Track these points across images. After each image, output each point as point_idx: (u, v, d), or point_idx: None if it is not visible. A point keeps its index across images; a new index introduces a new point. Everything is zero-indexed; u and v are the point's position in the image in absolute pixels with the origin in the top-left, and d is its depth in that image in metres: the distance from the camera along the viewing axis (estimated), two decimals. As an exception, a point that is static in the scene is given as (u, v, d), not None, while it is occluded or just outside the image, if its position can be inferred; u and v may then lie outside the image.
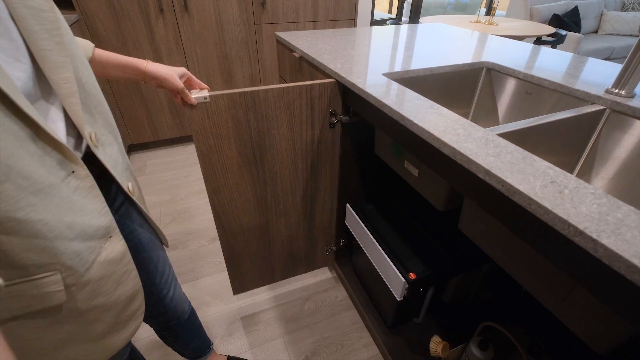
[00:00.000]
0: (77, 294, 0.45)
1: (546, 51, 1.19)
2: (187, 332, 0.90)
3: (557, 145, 0.79)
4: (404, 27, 1.63)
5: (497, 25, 2.64)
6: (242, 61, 2.23)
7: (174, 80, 0.70)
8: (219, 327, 1.25)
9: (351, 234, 1.22)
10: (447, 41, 1.35)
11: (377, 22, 3.36)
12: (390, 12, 4.75)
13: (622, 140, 0.78)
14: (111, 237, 0.49)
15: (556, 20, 3.54)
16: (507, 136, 0.69)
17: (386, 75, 0.95)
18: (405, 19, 3.87)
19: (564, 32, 2.69)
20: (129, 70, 0.67)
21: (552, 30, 2.50)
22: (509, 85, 1.04)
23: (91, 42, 0.64)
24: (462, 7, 6.25)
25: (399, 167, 0.98)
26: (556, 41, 2.68)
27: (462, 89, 1.13)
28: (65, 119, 0.45)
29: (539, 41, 2.66)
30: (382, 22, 3.43)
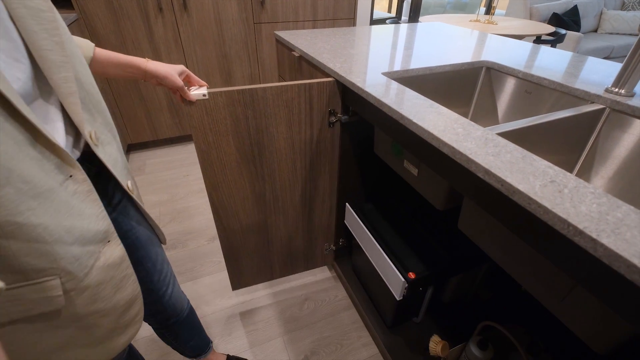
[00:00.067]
0: (76, 298, 0.45)
1: (546, 50, 1.19)
2: (186, 330, 0.90)
3: (556, 144, 0.79)
4: (404, 26, 1.62)
5: (496, 24, 2.64)
6: (242, 60, 2.23)
7: (174, 78, 0.71)
8: (218, 326, 1.25)
9: (350, 233, 1.22)
10: (446, 40, 1.35)
11: (376, 21, 3.36)
12: (389, 11, 4.74)
13: (622, 139, 0.77)
14: (109, 241, 0.49)
15: (556, 19, 3.54)
16: (506, 135, 0.69)
17: (385, 74, 0.95)
18: (404, 18, 3.86)
19: (563, 31, 2.68)
20: (130, 68, 0.67)
21: (551, 29, 2.50)
22: (509, 84, 1.04)
23: (90, 41, 0.64)
24: (461, 6, 6.25)
25: (399, 167, 0.98)
26: (556, 40, 2.67)
27: (461, 88, 1.13)
28: (64, 118, 0.45)
29: (538, 40, 2.65)
30: (382, 21, 3.42)
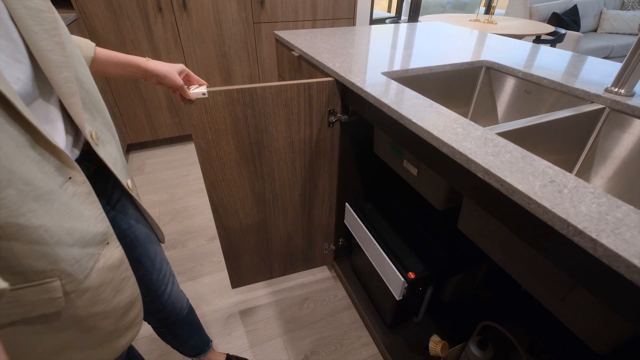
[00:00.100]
0: (77, 300, 0.45)
1: (545, 50, 1.19)
2: (186, 329, 0.90)
3: (556, 144, 0.79)
4: (403, 25, 1.62)
5: (496, 24, 2.64)
6: (241, 60, 2.23)
7: (174, 77, 0.72)
8: (218, 326, 1.25)
9: (350, 233, 1.22)
10: (446, 40, 1.35)
11: (376, 21, 3.35)
12: (389, 10, 4.74)
13: (622, 139, 0.77)
14: (108, 243, 0.49)
15: (555, 18, 3.54)
16: (506, 135, 0.69)
17: (385, 74, 0.95)
18: (404, 17, 3.86)
19: (563, 31, 2.68)
20: (130, 68, 0.68)
21: (551, 28, 2.50)
22: (508, 84, 1.04)
23: (91, 41, 0.64)
24: (461, 6, 6.24)
25: (398, 167, 0.97)
26: (555, 40, 2.67)
27: (461, 88, 1.12)
28: (63, 117, 0.45)
29: (538, 40, 2.65)
30: (381, 20, 3.42)
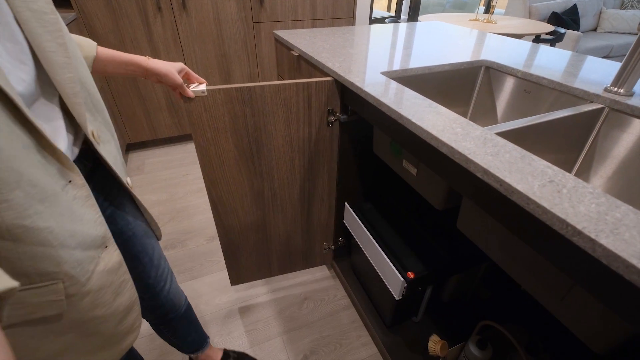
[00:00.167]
0: (78, 304, 0.45)
1: (545, 49, 1.19)
2: (184, 325, 0.91)
3: (555, 144, 0.79)
4: (403, 25, 1.62)
5: (495, 23, 2.64)
6: (241, 60, 2.23)
7: (173, 75, 0.73)
8: (218, 326, 1.25)
9: (350, 232, 1.22)
10: (445, 39, 1.35)
11: (375, 21, 3.35)
12: (389, 10, 4.74)
13: (621, 138, 0.77)
14: (107, 247, 0.49)
15: (555, 18, 3.54)
16: (505, 135, 0.69)
17: (384, 74, 0.95)
18: (404, 17, 3.86)
19: (562, 30, 2.68)
20: (131, 66, 0.68)
21: (550, 28, 2.50)
22: (508, 83, 1.04)
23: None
24: (460, 5, 6.24)
25: (398, 166, 0.97)
26: (555, 39, 2.67)
27: (460, 88, 1.12)
28: (64, 116, 0.46)
29: (537, 39, 2.65)
30: (381, 20, 3.42)
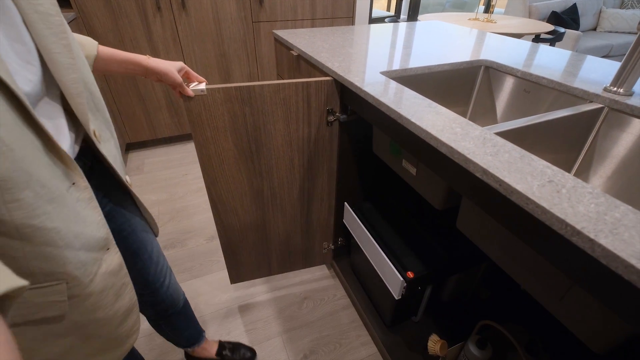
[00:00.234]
0: (80, 305, 0.45)
1: (544, 49, 1.19)
2: (182, 320, 0.92)
3: (555, 143, 0.79)
4: (402, 25, 1.62)
5: (495, 22, 2.64)
6: (240, 59, 2.22)
7: (173, 74, 0.73)
8: (218, 325, 1.25)
9: (349, 232, 1.22)
10: (445, 39, 1.35)
11: (375, 20, 3.35)
12: (388, 9, 4.73)
13: (620, 138, 0.77)
14: (109, 249, 0.50)
15: (555, 17, 3.54)
16: (505, 135, 0.69)
17: (384, 73, 0.95)
18: (403, 16, 3.86)
19: (562, 30, 2.68)
20: (131, 65, 0.69)
21: (550, 27, 2.50)
22: (507, 83, 1.04)
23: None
24: (460, 5, 6.23)
25: (397, 166, 0.97)
26: (555, 39, 2.67)
27: (460, 88, 1.12)
28: (65, 115, 0.46)
29: (537, 39, 2.65)
30: (381, 19, 3.41)
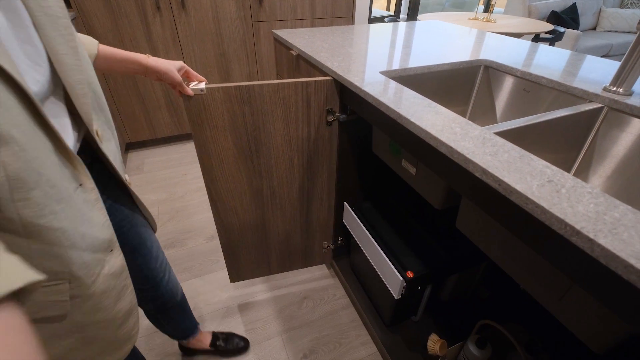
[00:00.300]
0: (81, 306, 0.45)
1: (544, 48, 1.19)
2: (180, 313, 0.94)
3: (554, 143, 0.79)
4: (402, 24, 1.62)
5: (495, 22, 2.64)
6: (240, 59, 2.22)
7: (173, 74, 0.74)
8: (218, 325, 1.24)
9: (349, 232, 1.22)
10: (445, 39, 1.34)
11: (375, 20, 3.34)
12: (388, 9, 4.72)
13: (620, 138, 0.77)
14: (112, 250, 0.50)
15: (554, 17, 3.54)
16: (504, 135, 0.69)
17: (384, 73, 0.95)
18: (403, 16, 3.85)
19: (562, 29, 2.68)
20: (132, 64, 0.69)
21: (550, 27, 2.49)
22: (507, 83, 1.04)
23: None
24: (460, 4, 6.22)
25: (397, 166, 0.97)
26: (554, 38, 2.67)
27: (459, 87, 1.12)
28: (69, 114, 0.47)
29: (537, 38, 2.65)
30: (380, 19, 3.41)
